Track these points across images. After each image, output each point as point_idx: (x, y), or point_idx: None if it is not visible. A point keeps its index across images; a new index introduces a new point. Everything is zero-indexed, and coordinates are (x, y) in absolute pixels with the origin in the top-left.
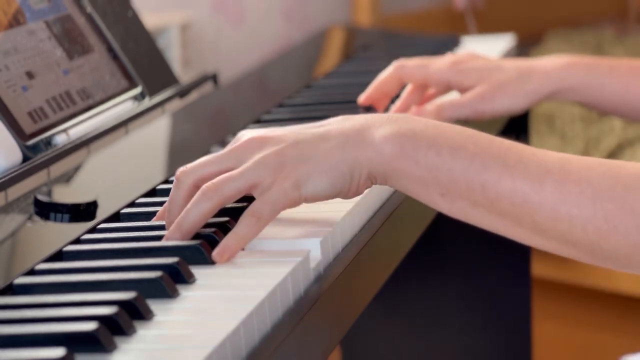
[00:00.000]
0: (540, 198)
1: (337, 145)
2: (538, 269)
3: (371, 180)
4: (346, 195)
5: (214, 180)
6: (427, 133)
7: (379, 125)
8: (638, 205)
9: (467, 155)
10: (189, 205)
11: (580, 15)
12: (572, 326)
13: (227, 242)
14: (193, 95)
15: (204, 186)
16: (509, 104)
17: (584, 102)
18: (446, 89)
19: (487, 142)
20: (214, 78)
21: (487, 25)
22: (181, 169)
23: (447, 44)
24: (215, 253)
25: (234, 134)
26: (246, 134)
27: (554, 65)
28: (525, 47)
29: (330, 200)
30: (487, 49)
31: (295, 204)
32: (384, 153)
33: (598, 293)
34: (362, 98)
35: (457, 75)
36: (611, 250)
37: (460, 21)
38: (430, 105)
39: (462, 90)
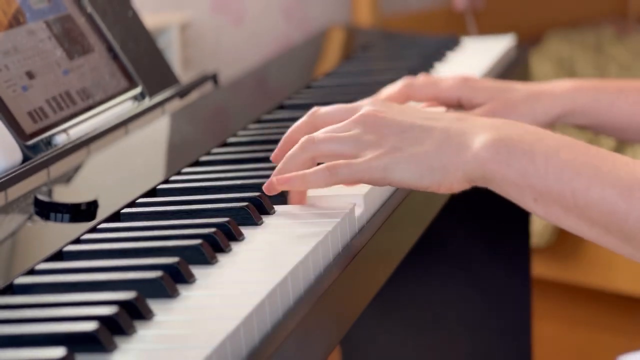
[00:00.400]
0: (627, 207)
1: (435, 143)
2: (538, 269)
3: (468, 181)
4: (437, 189)
5: (316, 135)
6: (524, 139)
7: (481, 131)
8: None
9: (560, 162)
10: (288, 154)
11: (580, 15)
12: (572, 326)
13: (293, 178)
14: (193, 95)
15: (305, 137)
16: None
17: (592, 126)
18: (456, 106)
19: (583, 150)
20: (214, 78)
21: (487, 26)
22: (311, 111)
23: (447, 44)
24: (275, 180)
25: (234, 134)
26: (367, 105)
27: (562, 87)
28: (525, 47)
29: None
30: (487, 49)
31: (378, 182)
32: (480, 157)
33: (598, 293)
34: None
35: (469, 92)
36: None
37: (460, 21)
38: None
39: (471, 107)
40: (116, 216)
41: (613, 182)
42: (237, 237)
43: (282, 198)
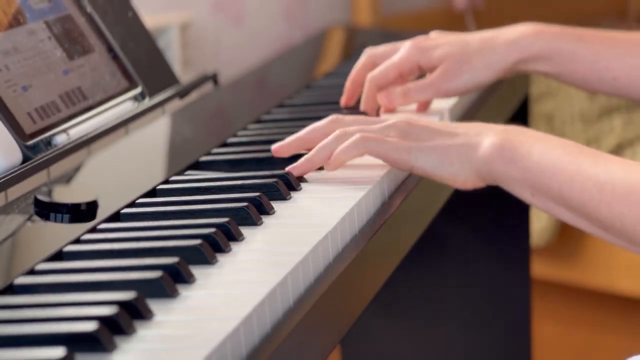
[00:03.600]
0: (600, 198)
1: (457, 140)
2: (538, 269)
3: (480, 179)
4: (453, 183)
5: (349, 128)
6: (525, 142)
7: (492, 134)
8: None
9: (551, 161)
10: (341, 145)
11: (580, 15)
12: (572, 326)
13: (328, 143)
14: (193, 95)
15: (339, 130)
16: (475, 77)
17: (552, 73)
18: (420, 71)
19: (574, 150)
20: (214, 78)
21: (487, 26)
22: (335, 117)
23: None
24: (311, 153)
25: (234, 134)
26: (392, 118)
27: (519, 33)
28: None
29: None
30: None
31: (401, 164)
32: (486, 156)
33: (598, 293)
34: (342, 100)
35: (424, 56)
36: None
37: (460, 21)
38: (398, 90)
39: (431, 69)
40: (116, 216)
41: (591, 176)
42: (237, 237)
43: (282, 197)
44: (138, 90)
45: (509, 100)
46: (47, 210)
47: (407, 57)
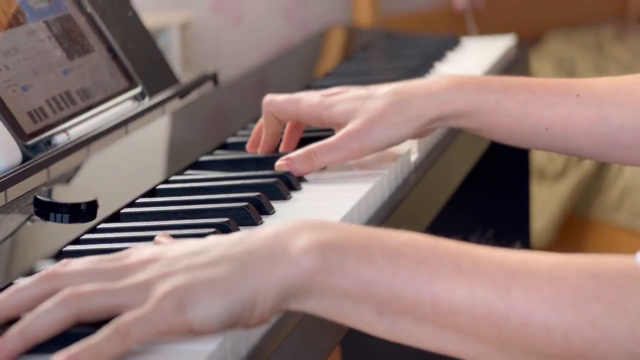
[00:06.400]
0: (506, 306)
1: (238, 268)
2: None
3: (281, 303)
4: (247, 325)
5: (82, 287)
6: (354, 240)
7: (294, 236)
8: (631, 307)
9: (409, 263)
10: (40, 308)
11: (580, 15)
12: None
13: (80, 353)
14: (193, 95)
15: (66, 290)
16: (388, 135)
17: (476, 129)
18: (321, 126)
19: (431, 244)
20: (214, 78)
21: (487, 26)
22: (52, 268)
23: (447, 44)
24: (61, 356)
25: (234, 134)
26: (136, 253)
27: (438, 86)
28: (525, 47)
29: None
30: (487, 49)
31: (176, 329)
32: (303, 268)
33: None
34: (248, 146)
35: (327, 110)
36: None
37: (460, 21)
38: (300, 153)
39: (336, 127)
40: (116, 216)
41: (482, 279)
42: None
43: (282, 197)
44: (138, 90)
45: None
46: (47, 210)
47: (313, 107)
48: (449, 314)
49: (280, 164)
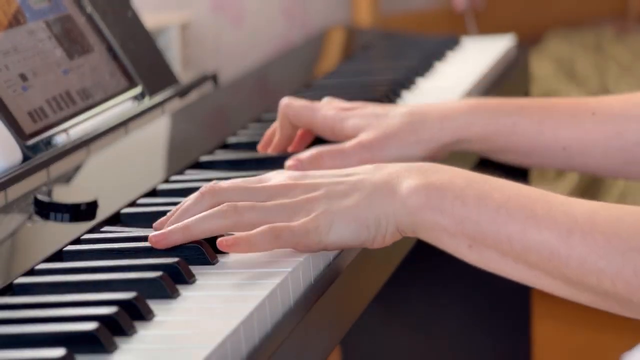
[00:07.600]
0: (567, 250)
1: (365, 197)
2: None
3: (400, 232)
4: (371, 245)
5: (239, 203)
6: (454, 183)
7: (407, 176)
8: None
9: (494, 205)
10: (205, 213)
11: (580, 15)
12: (572, 326)
13: (239, 241)
14: (193, 95)
15: (228, 204)
16: (400, 154)
17: (492, 151)
18: (333, 138)
19: (515, 191)
20: (214, 78)
21: (487, 26)
22: (210, 185)
23: (447, 44)
24: (223, 241)
25: (234, 133)
26: (276, 177)
27: (454, 109)
28: (525, 47)
29: None
30: (487, 49)
31: (313, 247)
32: (410, 205)
33: None
34: (260, 145)
35: (340, 124)
36: None
37: (460, 21)
38: (307, 155)
39: (344, 138)
40: (116, 216)
41: (550, 225)
42: None
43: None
44: (138, 90)
45: None
46: (47, 210)
47: (328, 118)
48: (522, 252)
49: (290, 164)
